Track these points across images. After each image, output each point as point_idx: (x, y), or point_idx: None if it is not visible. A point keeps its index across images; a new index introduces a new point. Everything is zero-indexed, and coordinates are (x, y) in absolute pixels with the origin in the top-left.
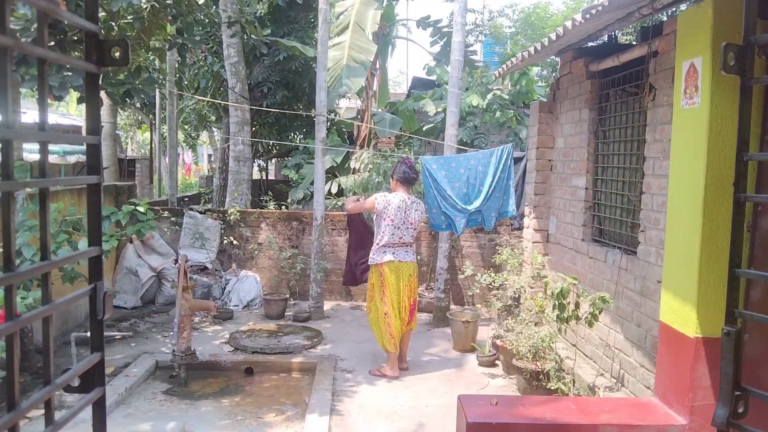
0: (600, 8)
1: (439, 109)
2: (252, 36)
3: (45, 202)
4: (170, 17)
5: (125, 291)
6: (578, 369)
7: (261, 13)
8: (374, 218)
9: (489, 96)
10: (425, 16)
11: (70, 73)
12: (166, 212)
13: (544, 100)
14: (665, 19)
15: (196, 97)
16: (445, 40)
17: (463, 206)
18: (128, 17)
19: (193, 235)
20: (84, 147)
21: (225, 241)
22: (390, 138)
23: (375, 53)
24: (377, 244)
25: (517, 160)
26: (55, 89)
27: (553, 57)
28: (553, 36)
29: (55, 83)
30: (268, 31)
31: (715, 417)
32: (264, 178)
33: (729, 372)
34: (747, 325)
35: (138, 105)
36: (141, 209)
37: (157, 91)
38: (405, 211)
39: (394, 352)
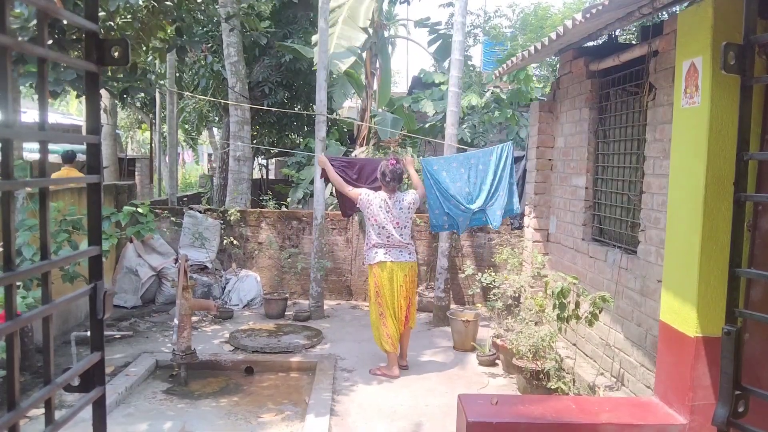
0: (600, 8)
1: (433, 112)
2: (251, 30)
3: (45, 202)
4: (170, 20)
5: (125, 290)
6: (578, 368)
7: (261, 11)
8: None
9: (487, 95)
10: (425, 17)
11: (65, 68)
12: (166, 212)
13: (543, 99)
14: (665, 18)
15: (196, 96)
16: (440, 41)
17: (467, 206)
18: (127, 17)
19: (193, 235)
20: (84, 146)
21: (225, 241)
22: (392, 138)
23: (365, 42)
24: (367, 244)
25: (517, 159)
26: (49, 84)
27: (553, 57)
28: (553, 35)
29: (50, 78)
30: (267, 23)
31: (715, 416)
32: (264, 177)
33: (729, 371)
34: (747, 324)
35: (138, 104)
36: (141, 211)
37: (157, 90)
38: (387, 212)
39: (393, 352)
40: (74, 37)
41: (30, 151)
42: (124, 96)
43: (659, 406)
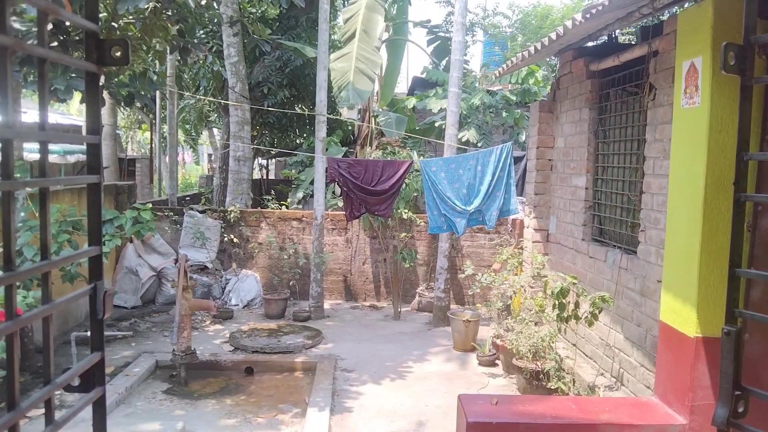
0: (600, 8)
1: (438, 109)
2: (254, 35)
3: (45, 202)
4: (173, 20)
5: (125, 290)
6: (578, 368)
7: (264, 14)
8: None
9: (497, 96)
10: (425, 19)
11: (75, 75)
12: (167, 212)
13: (544, 98)
14: (665, 18)
15: (196, 96)
16: (438, 42)
17: (463, 207)
18: (129, 17)
19: (194, 235)
20: (84, 146)
21: (225, 241)
22: (393, 138)
23: (380, 65)
24: None
25: (518, 160)
26: (60, 93)
27: (553, 57)
28: (553, 35)
29: (61, 86)
30: (269, 31)
31: (715, 417)
32: (264, 177)
33: (729, 372)
34: (747, 324)
35: (138, 105)
36: (145, 216)
37: (157, 90)
38: None
39: None
40: (78, 38)
41: (30, 151)
42: (130, 100)
43: (659, 406)
